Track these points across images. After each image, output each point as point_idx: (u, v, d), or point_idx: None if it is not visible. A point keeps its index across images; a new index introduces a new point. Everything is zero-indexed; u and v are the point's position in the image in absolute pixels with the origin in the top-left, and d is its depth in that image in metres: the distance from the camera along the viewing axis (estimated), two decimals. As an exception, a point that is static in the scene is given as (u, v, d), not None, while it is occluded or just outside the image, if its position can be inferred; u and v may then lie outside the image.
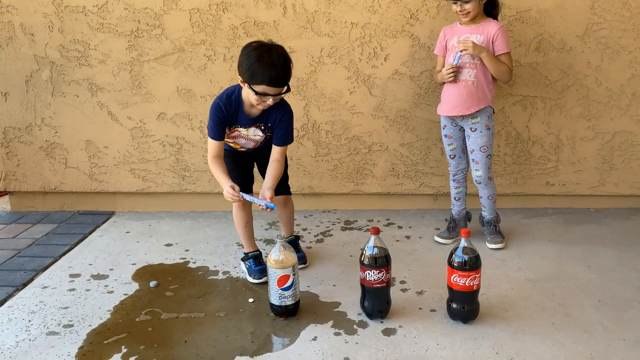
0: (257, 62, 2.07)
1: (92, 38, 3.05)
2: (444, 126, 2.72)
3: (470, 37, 2.53)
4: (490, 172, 2.69)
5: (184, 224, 3.15)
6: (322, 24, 2.97)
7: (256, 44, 2.14)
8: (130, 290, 2.40)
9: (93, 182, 3.29)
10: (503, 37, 2.52)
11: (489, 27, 2.53)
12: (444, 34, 2.67)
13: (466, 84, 2.56)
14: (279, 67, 2.08)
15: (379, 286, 2.06)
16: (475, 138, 2.62)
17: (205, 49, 3.02)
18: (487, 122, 2.60)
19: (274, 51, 2.09)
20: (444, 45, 2.67)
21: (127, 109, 3.15)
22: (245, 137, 2.36)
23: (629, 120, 3.07)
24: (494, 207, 2.77)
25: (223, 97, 2.25)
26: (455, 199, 2.82)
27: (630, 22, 2.90)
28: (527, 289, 2.34)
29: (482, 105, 2.58)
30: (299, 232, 2.98)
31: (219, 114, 2.24)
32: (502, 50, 2.53)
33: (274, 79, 2.08)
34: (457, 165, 2.76)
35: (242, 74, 2.14)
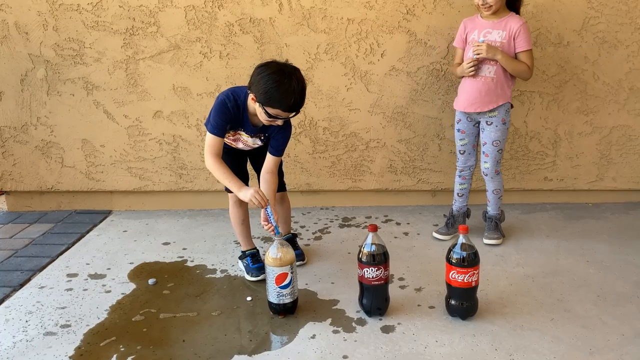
0: (277, 89, 2.01)
1: (87, 36, 3.03)
2: (458, 120, 2.70)
3: (492, 32, 2.51)
4: (499, 166, 2.68)
5: (182, 222, 3.14)
6: (318, 20, 2.95)
7: (275, 67, 2.06)
8: (127, 290, 2.39)
9: (90, 181, 3.28)
10: (525, 34, 2.49)
11: (511, 23, 2.50)
12: (464, 26, 2.63)
13: (485, 80, 2.54)
14: (297, 94, 2.03)
15: (378, 283, 2.05)
16: (490, 132, 2.61)
17: (201, 46, 3.01)
18: (503, 117, 2.59)
19: (293, 77, 2.03)
20: (463, 38, 2.63)
21: (123, 107, 3.14)
22: (245, 142, 2.34)
23: (627, 115, 3.07)
24: (498, 204, 2.75)
25: (231, 98, 2.18)
26: (459, 195, 2.81)
27: (627, 15, 2.89)
28: (525, 285, 2.34)
29: (501, 102, 2.56)
30: (296, 229, 2.98)
31: (226, 114, 2.18)
32: (524, 47, 2.50)
33: (291, 106, 2.05)
34: (465, 161, 2.74)
35: (256, 94, 2.06)
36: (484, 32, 2.53)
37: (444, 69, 3.01)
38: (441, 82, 3.03)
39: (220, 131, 2.19)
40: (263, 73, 2.05)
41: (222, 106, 2.18)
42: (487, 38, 2.52)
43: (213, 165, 2.17)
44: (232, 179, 2.15)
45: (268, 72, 2.05)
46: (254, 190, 2.10)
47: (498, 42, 2.51)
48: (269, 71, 2.05)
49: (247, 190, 2.12)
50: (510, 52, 2.52)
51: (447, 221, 2.84)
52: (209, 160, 2.17)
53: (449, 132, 3.10)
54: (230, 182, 2.15)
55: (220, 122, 2.18)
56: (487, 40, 2.51)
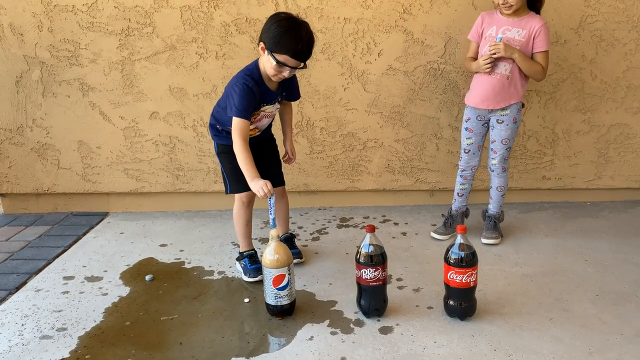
0: (286, 33, 2.10)
1: (83, 37, 3.01)
2: (467, 119, 2.67)
3: (511, 30, 2.49)
4: (506, 163, 2.67)
5: (179, 223, 3.13)
6: (314, 19, 2.94)
7: (286, 15, 2.18)
8: (124, 292, 2.38)
9: (86, 183, 3.26)
10: (545, 34, 2.47)
11: (532, 22, 2.48)
12: (482, 20, 2.59)
13: (501, 78, 2.51)
14: (305, 41, 2.11)
15: (376, 284, 2.04)
16: (500, 130, 2.59)
17: (197, 46, 2.99)
18: (515, 116, 2.57)
19: (302, 26, 2.13)
20: (479, 33, 2.59)
21: (119, 108, 3.12)
22: (269, 114, 2.39)
23: (624, 113, 3.06)
24: (500, 202, 2.74)
25: (249, 80, 2.22)
26: (459, 194, 2.79)
27: (625, 14, 2.88)
28: (524, 285, 2.33)
29: (513, 101, 2.55)
30: (294, 230, 2.96)
31: (252, 96, 2.21)
32: (542, 48, 2.48)
33: (298, 52, 2.11)
34: (468, 160, 2.72)
35: (266, 40, 2.14)
36: (503, 29, 2.50)
37: (441, 68, 3.00)
38: (438, 82, 3.02)
39: (248, 114, 2.23)
40: (273, 20, 2.16)
41: (246, 90, 2.20)
42: (506, 35, 2.49)
43: (241, 148, 2.19)
44: (252, 166, 2.18)
45: (278, 19, 2.15)
46: (263, 182, 2.13)
47: (517, 40, 2.48)
48: (279, 18, 2.16)
49: (258, 180, 2.15)
50: (528, 52, 2.49)
51: (445, 221, 2.83)
52: (238, 142, 2.19)
53: (447, 131, 3.09)
54: (249, 168, 2.18)
55: (247, 105, 2.21)
56: (505, 37, 2.49)
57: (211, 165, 3.15)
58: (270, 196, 2.14)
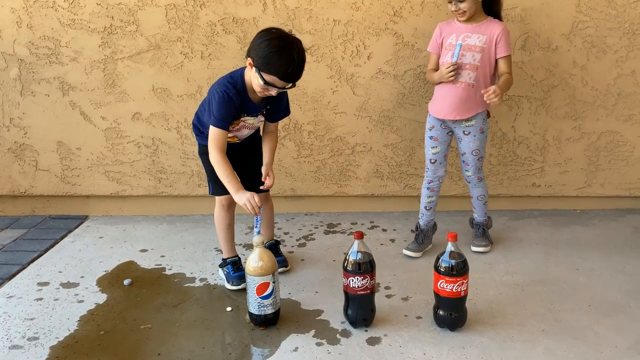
0: (277, 54, 1.98)
1: (63, 35, 2.92)
2: (431, 127, 2.59)
3: (471, 37, 2.43)
4: (481, 172, 2.61)
5: (160, 228, 3.03)
6: (303, 21, 2.88)
7: (277, 34, 2.04)
8: (101, 299, 2.28)
9: (65, 185, 3.16)
10: (506, 39, 2.42)
11: (492, 28, 2.42)
12: (440, 30, 2.54)
13: (466, 87, 2.44)
14: (296, 63, 2.01)
15: (363, 293, 1.97)
16: (468, 142, 2.52)
17: (182, 46, 2.91)
18: (481, 126, 2.50)
19: (294, 46, 2.01)
20: (439, 43, 2.53)
21: (100, 108, 3.02)
22: (250, 126, 2.28)
23: (615, 121, 3.03)
24: (484, 210, 2.68)
25: (230, 87, 2.11)
26: (426, 208, 2.69)
27: (616, 20, 2.86)
28: (515, 294, 2.28)
29: (480, 109, 2.48)
30: (280, 236, 2.88)
31: (231, 106, 2.11)
32: (505, 53, 2.42)
33: (288, 75, 2.01)
34: (435, 171, 2.63)
35: (255, 57, 2.02)
36: (463, 36, 2.44)
37: (432, 72, 2.95)
38: (428, 86, 2.97)
39: (226, 124, 2.13)
40: (264, 38, 2.03)
41: (225, 98, 2.10)
42: (467, 42, 2.43)
43: (218, 161, 2.09)
44: (233, 178, 2.09)
45: (269, 37, 2.02)
46: (250, 195, 2.03)
47: (478, 46, 2.42)
48: (271, 36, 2.03)
49: (243, 193, 2.04)
50: (491, 57, 2.44)
51: (416, 237, 2.70)
52: (214, 154, 2.10)
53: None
54: (230, 181, 2.08)
55: (226, 114, 2.11)
56: (466, 44, 2.42)
57: (195, 168, 3.07)
58: (259, 213, 2.04)
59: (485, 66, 2.44)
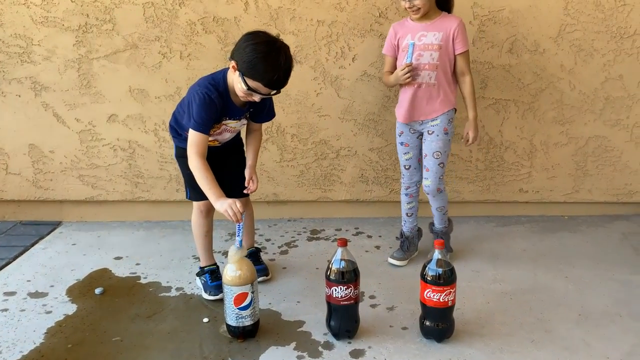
0: (262, 60, 1.88)
1: (36, 33, 2.80)
2: (400, 133, 2.50)
3: (427, 35, 2.33)
4: (442, 183, 2.47)
5: (137, 234, 2.91)
6: (286, 21, 2.79)
7: (264, 38, 1.94)
8: (70, 310, 2.16)
9: (37, 189, 3.03)
10: (463, 33, 2.33)
11: (448, 23, 2.33)
12: (394, 31, 2.43)
13: (427, 87, 2.36)
14: (282, 70, 1.91)
15: (347, 303, 1.88)
16: (430, 142, 2.41)
17: (160, 45, 2.81)
18: (446, 126, 2.40)
19: (281, 52, 1.91)
20: (394, 45, 2.42)
21: (74, 110, 2.90)
22: (232, 130, 2.18)
23: (603, 125, 2.99)
24: (444, 218, 2.57)
25: (211, 89, 2.01)
26: (408, 215, 2.60)
27: (604, 24, 2.82)
28: (503, 303, 2.20)
29: (446, 108, 2.39)
30: (261, 243, 2.78)
31: (212, 109, 2.00)
32: (463, 48, 2.33)
33: (273, 82, 1.91)
34: (411, 177, 2.54)
35: (239, 61, 1.92)
36: (419, 36, 2.34)
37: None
38: (414, 89, 2.90)
39: (207, 127, 2.02)
40: (250, 41, 1.92)
41: (207, 101, 1.99)
42: (422, 42, 2.33)
43: (198, 167, 1.99)
44: (214, 185, 1.97)
45: (255, 42, 1.92)
46: (231, 201, 1.92)
47: (435, 44, 2.32)
48: (257, 40, 1.92)
49: (224, 200, 1.93)
50: (449, 54, 2.34)
51: (401, 244, 2.61)
52: (194, 159, 1.99)
53: (423, 140, 2.97)
54: (210, 188, 1.97)
55: (207, 118, 2.01)
56: (422, 43, 2.33)
57: (173, 173, 2.96)
58: (241, 220, 1.94)
59: (445, 64, 2.35)
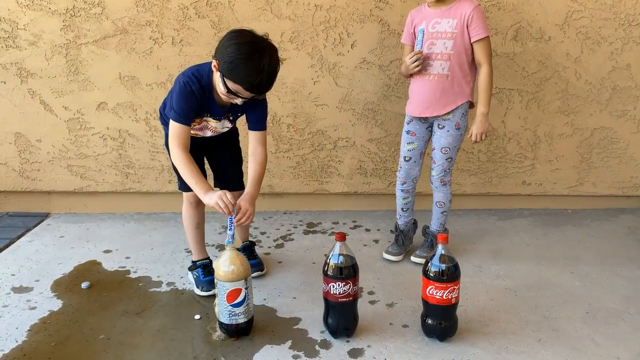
0: (244, 62, 1.75)
1: (21, 16, 2.68)
2: (409, 121, 2.37)
3: (441, 22, 2.20)
4: (447, 176, 2.36)
5: (127, 227, 2.81)
6: (282, 5, 2.69)
7: (249, 37, 1.81)
8: (55, 306, 2.06)
9: (24, 180, 2.92)
10: (480, 19, 2.16)
11: (463, 8, 2.19)
12: (412, 18, 2.31)
13: (440, 79, 2.23)
14: (265, 74, 1.77)
15: (345, 300, 1.79)
16: (440, 137, 2.30)
17: (152, 31, 2.70)
18: (458, 121, 2.27)
19: (265, 54, 1.77)
20: (412, 32, 2.30)
21: (62, 97, 2.79)
22: (213, 129, 2.07)
23: (609, 116, 2.90)
24: (441, 220, 2.44)
25: (194, 81, 1.90)
26: (403, 209, 2.48)
27: (612, 10, 2.72)
28: (508, 300, 2.12)
29: (460, 101, 2.25)
30: (256, 236, 2.69)
31: (191, 99, 1.90)
32: (480, 35, 2.17)
33: (254, 86, 1.79)
34: (409, 170, 2.40)
35: (220, 62, 1.80)
36: (432, 23, 2.21)
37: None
38: (415, 77, 2.80)
39: (187, 119, 1.91)
40: (233, 41, 1.80)
41: (185, 90, 1.89)
42: (436, 29, 2.20)
43: (180, 159, 1.88)
44: (199, 178, 1.88)
45: (239, 41, 1.79)
46: (221, 193, 1.82)
47: (449, 32, 2.18)
48: (241, 40, 1.79)
49: (212, 193, 1.84)
50: (465, 43, 2.19)
51: (396, 238, 2.49)
52: (176, 152, 1.89)
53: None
54: (196, 181, 1.87)
55: (186, 108, 1.90)
56: (435, 31, 2.19)
57: (165, 163, 2.86)
58: (232, 213, 1.83)
59: (461, 54, 2.20)
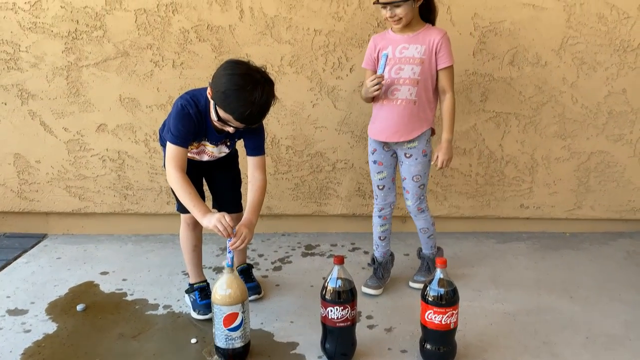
0: (236, 93, 1.78)
1: (24, 39, 2.71)
2: (373, 150, 2.33)
3: (409, 48, 2.18)
4: (423, 203, 2.35)
5: (125, 248, 2.80)
6: (282, 30, 2.72)
7: (244, 69, 1.83)
8: (51, 329, 2.05)
9: (22, 200, 2.92)
10: (448, 47, 2.16)
11: (431, 35, 2.17)
12: (375, 43, 2.26)
13: (407, 104, 2.18)
14: (256, 107, 1.79)
15: (343, 325, 1.78)
16: (409, 165, 2.28)
17: (152, 53, 2.73)
18: (424, 148, 2.26)
19: (258, 87, 1.79)
20: (374, 58, 2.26)
21: (62, 119, 2.81)
22: (210, 153, 2.09)
23: (605, 140, 2.92)
24: (430, 243, 2.43)
25: (192, 104, 1.92)
26: (380, 238, 2.42)
27: (607, 37, 2.76)
28: (506, 324, 2.10)
29: (425, 127, 2.24)
30: (253, 258, 2.68)
31: (188, 122, 1.92)
32: (447, 63, 2.16)
33: (244, 117, 1.81)
34: (385, 197, 2.39)
35: (214, 89, 1.83)
36: (400, 48, 2.19)
37: (417, 86, 2.81)
38: (414, 101, 2.83)
39: (184, 141, 1.93)
40: (228, 71, 1.83)
41: (183, 112, 1.92)
42: (404, 54, 2.19)
43: (177, 182, 1.89)
44: (197, 201, 1.88)
45: (233, 72, 1.82)
46: (219, 215, 1.82)
47: (417, 58, 2.16)
48: (236, 71, 1.83)
49: (211, 216, 1.83)
50: (432, 69, 2.18)
51: (375, 271, 2.43)
52: (173, 174, 1.90)
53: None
54: (194, 204, 1.87)
55: (183, 130, 1.92)
56: (403, 56, 2.18)
57: (164, 184, 2.86)
58: (231, 235, 1.83)
59: (427, 80, 2.19)
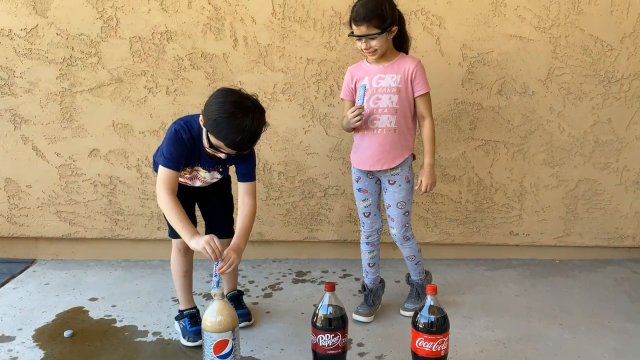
0: (226, 120, 1.83)
1: (18, 64, 2.74)
2: (357, 179, 2.35)
3: (385, 78, 2.22)
4: (409, 231, 2.35)
5: (114, 274, 2.78)
6: (275, 58, 2.77)
7: (236, 97, 1.88)
8: (37, 356, 2.02)
9: (12, 225, 2.90)
10: (422, 75, 2.21)
11: (405, 64, 2.21)
12: (351, 75, 2.29)
13: (388, 132, 2.21)
14: (246, 133, 1.83)
15: (334, 353, 1.78)
16: (393, 192, 2.30)
17: (146, 80, 2.76)
18: (407, 174, 2.28)
19: (249, 115, 1.83)
20: (351, 89, 2.28)
21: (55, 144, 2.82)
22: (202, 179, 2.11)
23: (592, 168, 2.97)
24: (417, 269, 2.44)
25: (185, 129, 1.96)
26: (370, 265, 2.42)
27: (592, 67, 2.84)
28: (497, 352, 2.10)
29: (407, 154, 2.27)
30: (244, 285, 2.67)
31: (181, 146, 1.95)
32: (423, 90, 2.21)
33: (235, 144, 1.86)
34: (371, 224, 2.40)
35: (206, 117, 1.89)
36: (376, 78, 2.23)
37: (407, 114, 2.85)
38: (404, 128, 2.87)
39: (176, 164, 1.95)
40: (220, 99, 1.88)
41: (176, 137, 1.95)
42: (380, 84, 2.23)
43: (167, 204, 1.91)
44: (186, 224, 1.90)
45: (224, 100, 1.87)
46: (208, 237, 1.84)
47: (394, 87, 2.20)
48: (227, 99, 1.88)
49: (199, 238, 1.85)
50: (409, 97, 2.22)
51: (366, 298, 2.43)
52: (163, 197, 1.91)
53: (412, 181, 2.92)
54: (183, 227, 1.89)
55: (176, 154, 1.94)
56: (379, 86, 2.20)
57: (155, 210, 2.86)
58: (219, 258, 1.84)
59: (405, 107, 2.22)
